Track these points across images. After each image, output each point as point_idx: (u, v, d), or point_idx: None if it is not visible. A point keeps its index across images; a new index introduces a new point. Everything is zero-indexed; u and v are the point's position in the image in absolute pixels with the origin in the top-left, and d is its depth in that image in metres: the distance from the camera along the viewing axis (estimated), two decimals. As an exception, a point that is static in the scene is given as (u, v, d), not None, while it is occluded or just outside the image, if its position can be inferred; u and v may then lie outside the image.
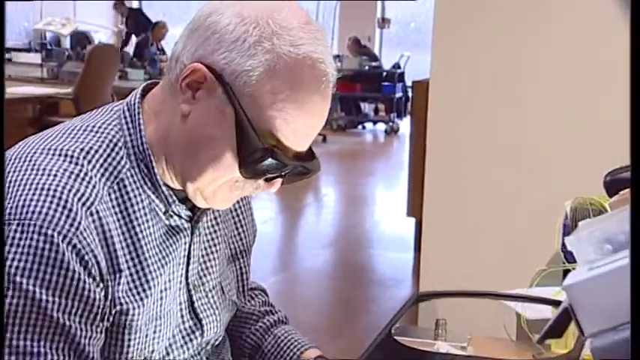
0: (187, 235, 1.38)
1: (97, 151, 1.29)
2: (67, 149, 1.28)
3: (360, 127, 14.73)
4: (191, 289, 1.41)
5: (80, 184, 1.24)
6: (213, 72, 1.25)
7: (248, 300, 1.69)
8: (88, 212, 1.23)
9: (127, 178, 1.30)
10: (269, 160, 1.25)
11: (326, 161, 10.72)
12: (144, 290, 1.30)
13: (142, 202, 1.31)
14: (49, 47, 13.77)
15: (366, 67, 14.44)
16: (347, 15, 16.13)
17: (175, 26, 13.26)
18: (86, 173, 1.26)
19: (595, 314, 0.84)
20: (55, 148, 1.28)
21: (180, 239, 1.37)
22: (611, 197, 1.15)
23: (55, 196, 1.21)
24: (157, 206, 1.33)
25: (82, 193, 1.24)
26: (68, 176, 1.24)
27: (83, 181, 1.25)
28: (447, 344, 1.79)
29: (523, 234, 3.25)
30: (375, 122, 14.82)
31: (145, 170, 1.32)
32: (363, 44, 14.99)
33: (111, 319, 1.27)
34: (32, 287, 1.17)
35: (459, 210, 3.58)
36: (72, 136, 1.31)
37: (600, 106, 3.31)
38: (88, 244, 1.22)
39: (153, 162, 1.31)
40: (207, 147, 1.27)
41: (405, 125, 13.25)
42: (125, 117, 1.34)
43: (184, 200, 1.36)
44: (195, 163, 1.29)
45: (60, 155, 1.27)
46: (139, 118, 1.33)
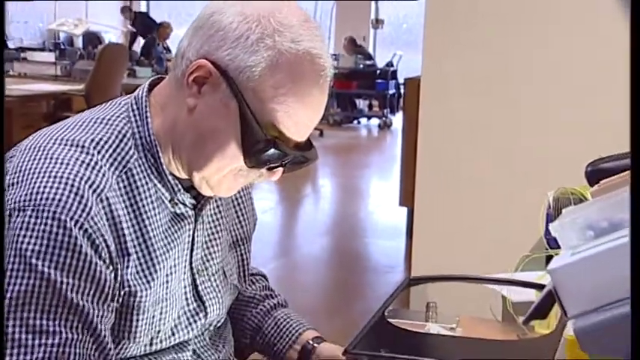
0: (191, 222, 1.38)
1: (106, 142, 1.29)
2: (78, 140, 1.28)
3: (355, 122, 14.72)
4: (195, 273, 1.41)
5: (91, 172, 1.24)
6: (218, 68, 1.24)
7: (249, 285, 1.69)
8: (98, 199, 1.23)
9: (135, 168, 1.30)
10: (272, 150, 1.25)
11: (323, 154, 10.71)
12: (150, 274, 1.30)
13: (148, 190, 1.31)
14: (63, 46, 13.78)
15: (361, 66, 14.43)
16: (343, 16, 16.09)
17: (180, 26, 13.25)
18: (96, 162, 1.26)
19: (578, 296, 0.84)
20: (67, 138, 1.28)
21: (184, 226, 1.37)
22: (592, 186, 1.14)
23: (67, 183, 1.21)
24: (162, 194, 1.33)
25: (93, 181, 1.24)
26: (80, 165, 1.24)
27: (93, 169, 1.25)
28: (437, 325, 1.79)
29: (509, 222, 3.25)
30: (369, 117, 14.80)
31: (152, 160, 1.31)
32: (359, 44, 14.99)
33: (120, 300, 1.27)
34: (47, 269, 1.17)
35: (448, 200, 3.59)
36: (83, 128, 1.31)
37: (583, 104, 3.32)
38: (99, 229, 1.22)
39: (159, 152, 1.31)
40: (213, 138, 1.27)
41: (397, 120, 13.27)
42: (133, 110, 1.33)
43: (189, 189, 1.35)
44: (202, 154, 1.28)
45: (72, 145, 1.27)
46: (146, 111, 1.32)
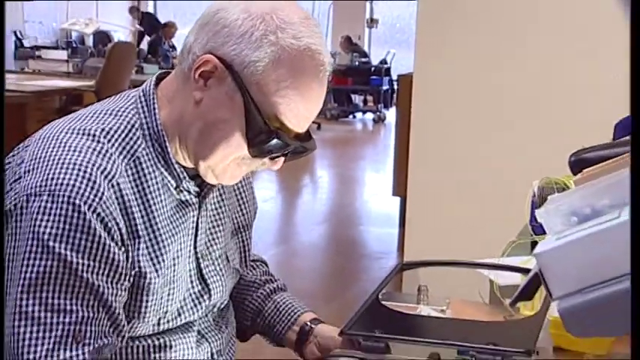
0: (195, 209, 1.38)
1: (116, 132, 1.29)
2: (89, 129, 1.28)
3: (351, 116, 14.70)
4: (199, 257, 1.41)
5: (102, 159, 1.25)
6: (224, 62, 1.24)
7: (250, 270, 1.68)
8: (109, 184, 1.23)
9: (143, 156, 1.30)
10: (274, 140, 1.26)
11: (321, 147, 10.63)
12: (157, 257, 1.30)
13: (155, 177, 1.31)
14: (74, 45, 13.77)
15: (357, 63, 14.43)
16: (339, 15, 16.04)
17: (185, 26, 13.23)
18: (107, 150, 1.26)
19: (562, 279, 0.84)
20: (79, 128, 1.29)
21: (189, 212, 1.36)
22: (575, 175, 1.14)
23: (80, 169, 1.22)
24: (168, 182, 1.33)
25: (104, 168, 1.24)
26: (91, 153, 1.25)
27: (104, 157, 1.25)
28: (428, 308, 1.79)
29: (496, 210, 3.25)
30: (364, 112, 14.79)
31: (159, 149, 1.31)
32: (354, 42, 14.97)
33: (131, 280, 1.27)
34: (64, 251, 1.18)
35: (439, 189, 3.61)
36: (94, 119, 1.31)
37: (567, 100, 3.33)
38: (111, 213, 1.22)
39: (166, 142, 1.31)
40: (219, 129, 1.27)
41: (391, 115, 13.25)
42: (141, 102, 1.33)
43: (193, 177, 1.35)
44: (208, 144, 1.29)
45: (84, 135, 1.27)
46: (154, 102, 1.33)
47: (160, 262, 1.30)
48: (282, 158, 1.32)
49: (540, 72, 3.37)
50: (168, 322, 1.36)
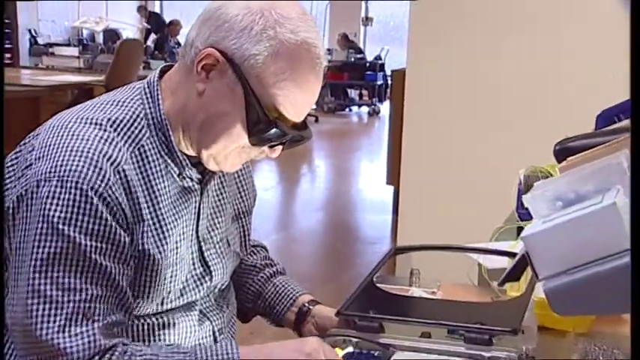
0: (197, 195, 1.37)
1: (121, 121, 1.29)
2: (96, 119, 1.28)
3: (347, 109, 14.71)
4: (201, 241, 1.40)
5: (108, 147, 1.24)
6: (225, 56, 1.24)
7: (251, 255, 1.68)
8: (115, 170, 1.23)
9: (147, 145, 1.30)
10: (273, 129, 1.26)
11: (318, 139, 10.72)
12: (161, 239, 1.29)
13: (159, 165, 1.30)
14: (85, 42, 13.75)
15: (352, 59, 14.45)
16: (336, 14, 16.02)
17: (190, 24, 13.12)
18: (113, 139, 1.26)
19: (548, 260, 0.83)
20: (86, 117, 1.28)
21: (191, 198, 1.36)
22: (560, 163, 1.13)
23: (87, 157, 1.21)
24: (172, 169, 1.32)
25: (110, 155, 1.24)
26: (98, 141, 1.24)
27: (110, 145, 1.25)
28: (420, 290, 1.79)
29: (484, 198, 3.26)
30: (359, 106, 14.80)
31: (163, 138, 1.31)
32: (351, 40, 14.97)
33: (136, 261, 1.27)
34: (72, 233, 1.18)
35: (430, 179, 3.62)
36: (101, 109, 1.31)
37: (551, 94, 3.34)
38: (116, 197, 1.22)
39: (170, 131, 1.31)
40: (220, 119, 1.27)
41: (384, 108, 13.24)
42: (146, 93, 1.33)
43: (196, 165, 1.35)
44: (210, 133, 1.28)
45: (91, 124, 1.27)
46: (158, 94, 1.32)
47: (164, 245, 1.30)
48: (281, 147, 1.31)
49: (525, 67, 3.39)
50: (171, 301, 1.35)
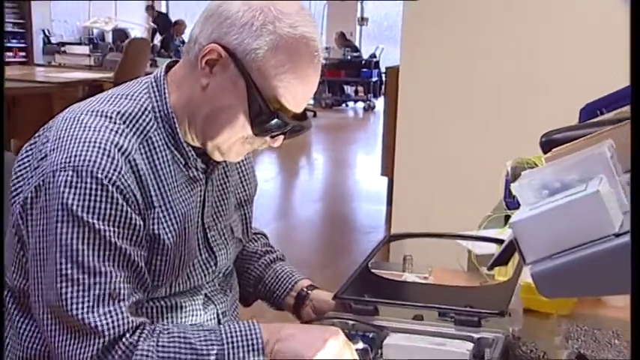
0: (202, 184, 1.37)
1: (130, 114, 1.29)
2: (106, 111, 1.28)
3: (343, 105, 14.72)
4: (206, 228, 1.40)
5: (119, 137, 1.24)
6: (228, 51, 1.24)
7: (252, 242, 1.68)
8: (126, 160, 1.23)
9: (154, 136, 1.29)
10: (274, 120, 1.25)
11: (316, 132, 10.73)
12: (169, 225, 1.29)
13: (166, 155, 1.30)
14: (95, 41, 13.74)
15: (349, 57, 14.47)
16: (333, 14, 15.99)
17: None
18: (122, 130, 1.26)
19: (535, 245, 0.83)
20: (97, 110, 1.28)
21: (196, 187, 1.36)
22: (545, 154, 1.13)
23: (100, 147, 1.21)
24: (178, 159, 1.32)
25: (121, 145, 1.23)
26: (109, 132, 1.24)
27: (121, 136, 1.25)
28: (413, 275, 1.79)
29: (473, 188, 3.27)
30: (355, 101, 14.79)
31: (169, 130, 1.31)
32: (348, 38, 14.98)
33: (148, 245, 1.27)
34: (91, 219, 1.18)
35: (422, 170, 3.63)
36: (110, 102, 1.31)
37: (539, 90, 3.34)
38: (129, 185, 1.22)
39: (176, 123, 1.31)
40: (224, 111, 1.27)
41: (379, 103, 13.25)
42: (153, 88, 1.33)
43: (200, 155, 1.34)
44: (214, 125, 1.28)
45: (101, 116, 1.27)
46: (165, 88, 1.32)
47: (173, 231, 1.29)
48: (282, 136, 1.31)
49: (512, 65, 3.40)
50: (179, 285, 1.35)
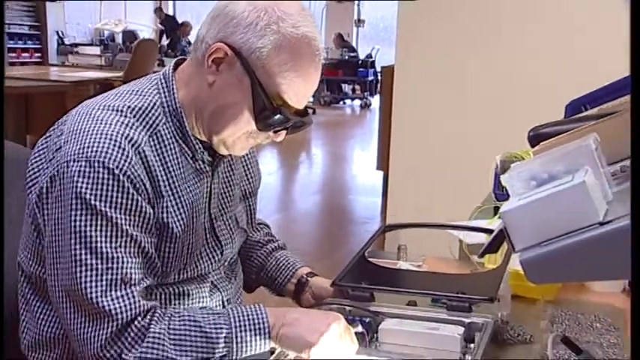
0: (209, 176, 1.37)
1: (140, 108, 1.29)
2: (117, 106, 1.28)
3: (341, 102, 14.73)
4: (213, 218, 1.40)
5: (129, 130, 1.24)
6: (233, 49, 1.24)
7: (255, 231, 1.68)
8: (136, 151, 1.23)
9: (163, 130, 1.29)
10: (277, 115, 1.25)
11: (315, 129, 10.72)
12: (178, 214, 1.29)
13: (174, 148, 1.30)
14: (106, 42, 13.71)
15: (346, 57, 14.49)
16: (332, 16, 15.98)
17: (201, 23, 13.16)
18: (133, 124, 1.26)
19: (523, 234, 0.83)
20: (108, 105, 1.28)
21: (203, 179, 1.36)
22: (533, 147, 1.13)
23: (111, 139, 1.21)
24: (185, 152, 1.32)
25: (131, 137, 1.24)
26: (120, 125, 1.24)
27: (131, 129, 1.25)
28: (407, 263, 1.79)
29: (464, 180, 3.27)
30: (352, 99, 14.80)
31: (177, 124, 1.31)
32: (345, 39, 14.98)
33: (157, 233, 1.27)
34: (104, 208, 1.18)
35: (416, 164, 3.64)
36: (121, 97, 1.31)
37: (528, 88, 3.34)
38: (139, 175, 1.22)
39: (184, 118, 1.31)
40: (230, 108, 1.27)
41: (375, 101, 13.24)
42: (162, 84, 1.33)
43: (207, 149, 1.34)
44: (220, 121, 1.28)
45: (113, 110, 1.27)
46: (173, 84, 1.32)
47: (181, 220, 1.30)
48: (285, 131, 1.31)
49: (502, 64, 3.41)
50: (187, 272, 1.35)
